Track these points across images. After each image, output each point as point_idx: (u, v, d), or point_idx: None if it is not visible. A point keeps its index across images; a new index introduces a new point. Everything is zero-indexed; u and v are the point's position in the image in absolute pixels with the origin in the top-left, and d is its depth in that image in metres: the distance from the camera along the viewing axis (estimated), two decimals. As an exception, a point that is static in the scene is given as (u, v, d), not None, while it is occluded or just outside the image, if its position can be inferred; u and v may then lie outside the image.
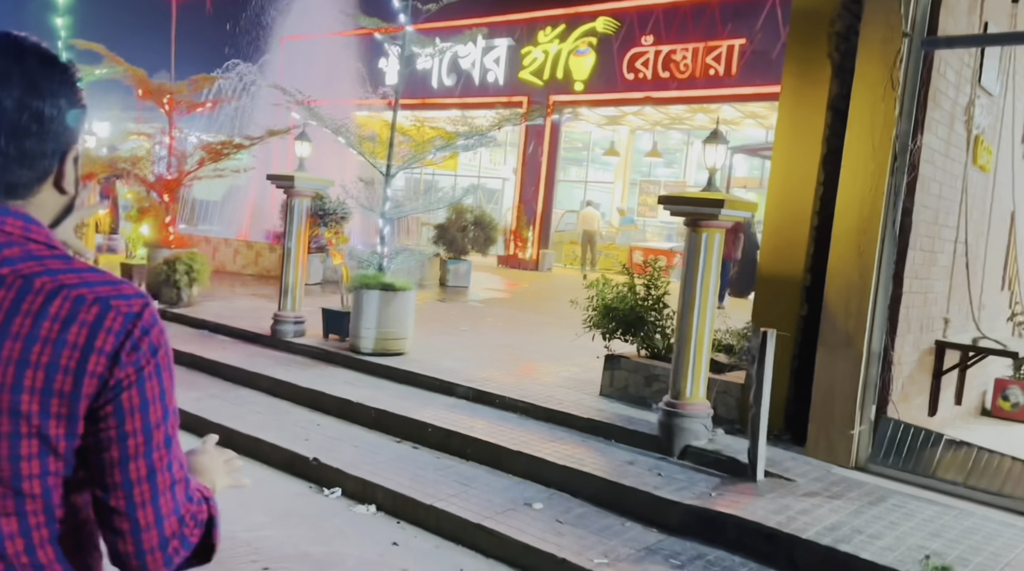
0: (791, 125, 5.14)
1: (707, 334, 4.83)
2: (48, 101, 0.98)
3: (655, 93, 17.15)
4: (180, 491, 1.03)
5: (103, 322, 0.96)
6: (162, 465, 1.00)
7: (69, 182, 1.05)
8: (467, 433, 5.08)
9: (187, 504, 1.04)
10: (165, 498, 1.00)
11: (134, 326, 0.98)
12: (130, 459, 0.97)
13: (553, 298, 13.31)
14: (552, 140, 19.32)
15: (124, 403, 0.97)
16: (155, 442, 0.99)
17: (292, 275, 7.44)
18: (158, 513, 1.00)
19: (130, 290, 1.00)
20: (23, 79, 0.96)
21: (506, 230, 19.33)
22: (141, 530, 0.99)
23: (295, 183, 7.22)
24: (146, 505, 0.99)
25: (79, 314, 0.95)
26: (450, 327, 8.92)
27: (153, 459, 0.99)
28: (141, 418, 0.98)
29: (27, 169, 0.99)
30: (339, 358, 6.88)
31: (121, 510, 0.98)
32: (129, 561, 1.01)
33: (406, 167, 6.92)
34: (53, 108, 0.99)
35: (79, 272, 0.98)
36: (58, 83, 1.00)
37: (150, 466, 0.99)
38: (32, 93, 0.97)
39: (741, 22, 16.02)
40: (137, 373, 0.97)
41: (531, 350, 7.77)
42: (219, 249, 12.85)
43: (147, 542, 0.99)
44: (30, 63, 0.98)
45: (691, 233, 4.81)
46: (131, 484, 0.98)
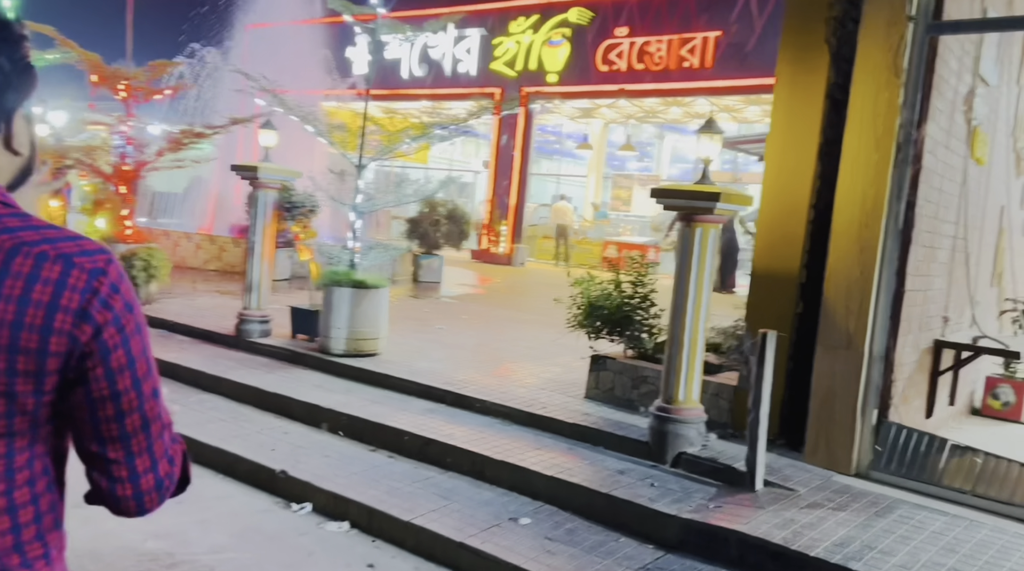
0: (786, 115, 4.89)
1: (701, 335, 4.57)
2: None
3: (630, 85, 16.91)
4: (167, 435, 1.09)
5: (67, 280, 0.96)
6: (154, 414, 1.05)
7: (21, 143, 1.03)
8: (447, 441, 4.77)
9: (173, 445, 1.11)
10: (158, 444, 1.07)
11: (100, 283, 0.98)
12: (125, 414, 1.02)
13: (529, 294, 13.03)
14: (525, 133, 19.01)
15: (113, 362, 1.00)
16: (146, 395, 1.04)
17: (257, 271, 7.04)
18: (153, 458, 1.06)
19: (92, 246, 1.00)
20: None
21: (479, 224, 19.01)
22: (139, 475, 1.05)
23: (260, 174, 6.82)
24: (142, 453, 1.05)
25: (42, 272, 0.95)
26: (424, 325, 8.58)
27: (146, 410, 1.04)
28: (131, 375, 1.02)
29: None
30: (308, 360, 6.51)
31: (120, 460, 1.03)
32: (127, 503, 1.06)
33: (379, 158, 6.57)
34: None
35: (38, 229, 0.98)
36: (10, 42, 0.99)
37: (144, 417, 1.04)
38: None
39: (716, 14, 15.83)
40: (120, 332, 1.00)
41: (510, 350, 7.47)
42: (180, 244, 12.33)
43: (144, 485, 1.06)
44: None
45: (684, 228, 4.54)
46: (128, 436, 1.03)
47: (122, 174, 8.59)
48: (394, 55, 20.97)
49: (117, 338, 1.00)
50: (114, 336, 0.99)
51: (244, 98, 9.99)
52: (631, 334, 5.64)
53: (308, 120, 6.36)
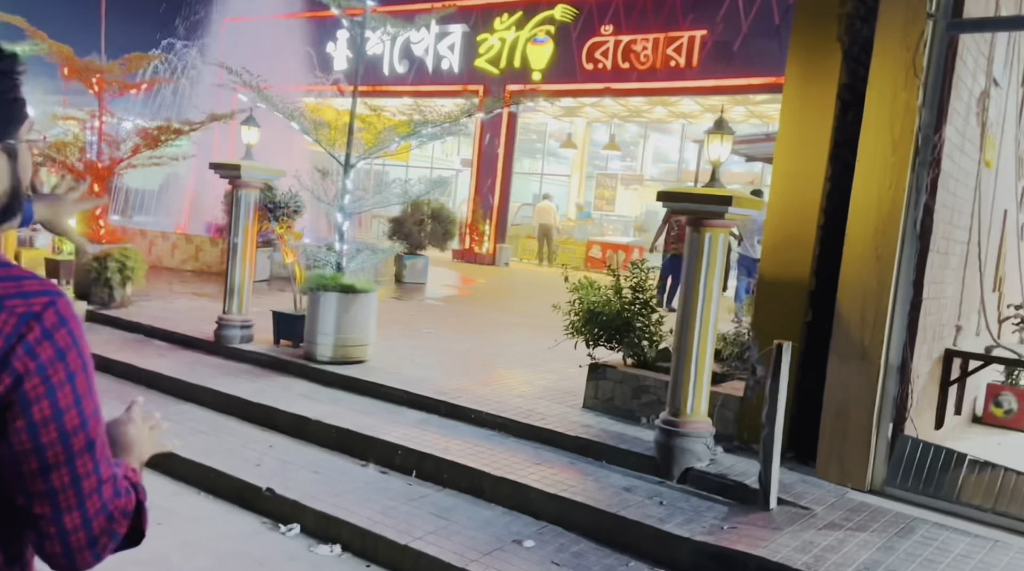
0: (797, 115, 4.71)
1: (710, 344, 4.37)
2: None
3: (615, 84, 16.76)
4: (108, 490, 1.02)
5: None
6: (86, 471, 0.99)
7: None
8: (442, 456, 4.53)
9: (115, 500, 1.03)
10: (91, 500, 1.00)
11: (28, 329, 0.94)
12: (51, 469, 0.96)
13: (516, 296, 12.81)
14: (509, 131, 18.80)
15: (35, 415, 0.94)
16: (75, 449, 0.97)
17: (239, 274, 6.75)
18: (85, 516, 0.99)
19: (33, 287, 0.96)
20: None
21: (461, 224, 18.73)
22: (68, 533, 0.99)
23: (242, 172, 6.53)
24: (72, 510, 0.98)
25: None
26: (411, 329, 8.33)
27: (75, 466, 0.98)
28: (56, 428, 0.96)
29: None
30: (293, 367, 6.23)
31: (47, 516, 0.98)
32: (58, 560, 1.01)
33: (368, 157, 6.31)
34: None
35: None
36: None
37: (73, 473, 0.97)
38: None
39: (702, 13, 15.70)
40: (44, 383, 0.94)
41: (501, 355, 7.24)
42: (156, 243, 11.96)
43: (75, 543, 0.99)
44: None
45: (692, 233, 4.34)
46: (55, 492, 0.97)
47: (95, 171, 8.24)
48: (375, 51, 20.66)
49: (41, 389, 0.94)
50: (37, 387, 0.94)
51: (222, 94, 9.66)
52: (631, 341, 5.44)
53: (293, 116, 6.08)
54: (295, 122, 6.17)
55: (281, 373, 6.22)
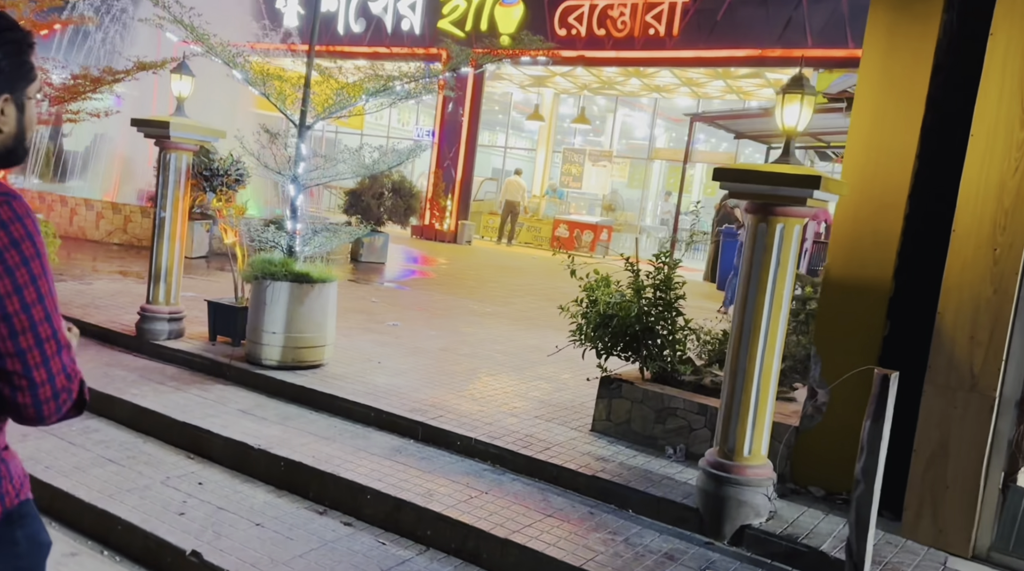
0: (879, 78, 3.74)
1: (775, 367, 3.42)
2: None
3: (588, 52, 15.67)
4: (65, 355, 1.29)
5: None
6: (47, 335, 1.25)
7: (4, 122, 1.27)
8: (424, 504, 3.50)
9: (71, 365, 1.30)
10: (54, 360, 1.26)
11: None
12: (18, 333, 1.22)
13: (485, 279, 11.75)
14: (474, 99, 17.60)
15: None
16: (36, 318, 1.23)
17: (166, 255, 5.55)
18: (50, 372, 1.26)
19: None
20: None
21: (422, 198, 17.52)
22: (37, 386, 1.25)
23: (171, 131, 5.31)
24: (39, 367, 1.24)
25: None
26: (374, 320, 7.22)
27: (38, 331, 1.24)
28: (18, 301, 1.21)
29: None
30: (232, 372, 5.10)
31: (19, 371, 1.24)
32: (27, 410, 1.27)
33: (328, 116, 5.16)
34: None
35: None
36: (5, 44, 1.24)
37: (36, 337, 1.24)
38: None
39: (686, -22, 14.70)
40: (2, 264, 1.19)
41: (482, 356, 6.20)
42: (77, 212, 10.52)
43: (42, 395, 1.26)
44: None
45: (757, 223, 3.36)
46: (23, 352, 1.23)
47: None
48: (329, 8, 19.14)
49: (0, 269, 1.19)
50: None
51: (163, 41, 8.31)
52: (652, 351, 4.46)
53: (235, 63, 4.89)
54: (237, 70, 4.97)
55: (217, 379, 5.08)
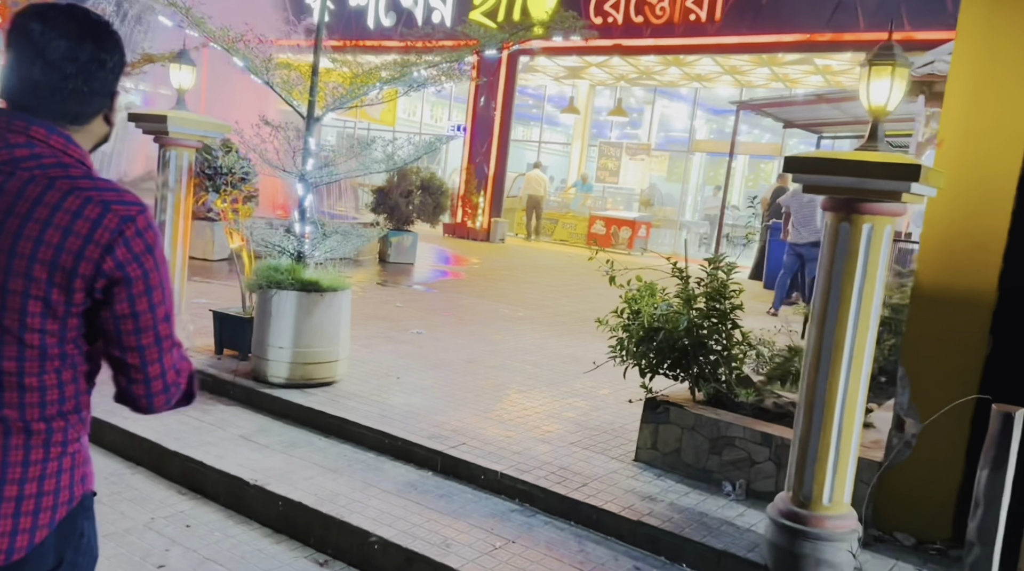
0: (982, 50, 3.11)
1: (862, 396, 2.82)
2: (109, 54, 1.35)
3: (626, 41, 15.01)
4: (177, 352, 1.39)
5: (102, 220, 1.26)
6: (165, 333, 1.35)
7: (114, 115, 1.42)
8: (440, 559, 2.97)
9: (181, 361, 1.40)
10: (168, 356, 1.37)
11: (127, 226, 1.28)
12: (142, 330, 1.32)
13: (516, 279, 11.21)
14: (507, 93, 17.04)
15: (133, 289, 1.29)
16: (158, 317, 1.33)
17: (168, 260, 5.10)
18: (163, 367, 1.36)
19: (131, 198, 1.31)
20: (94, 40, 1.33)
21: (453, 195, 17.05)
22: (151, 379, 1.36)
23: (169, 126, 4.87)
24: (154, 362, 1.35)
25: (85, 210, 1.26)
26: (397, 327, 6.73)
27: (159, 329, 1.34)
28: (147, 301, 1.31)
29: (89, 104, 1.35)
30: (236, 391, 4.64)
31: (137, 365, 1.33)
32: (140, 400, 1.38)
33: (338, 107, 4.66)
34: (111, 59, 1.35)
35: (94, 180, 1.31)
36: (113, 42, 1.36)
37: (157, 334, 1.33)
38: (100, 49, 1.34)
39: (728, -40, 13.95)
40: (139, 265, 1.29)
41: (511, 367, 5.67)
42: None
43: (155, 387, 1.37)
44: (97, 28, 1.35)
45: (838, 222, 2.76)
46: (144, 348, 1.33)
47: None
48: (359, 2, 18.77)
49: (138, 271, 1.29)
50: (135, 269, 1.29)
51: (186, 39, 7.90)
52: (705, 369, 3.87)
53: (234, 50, 4.41)
54: (237, 57, 4.50)
55: (219, 399, 4.62)
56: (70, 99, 1.32)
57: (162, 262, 1.33)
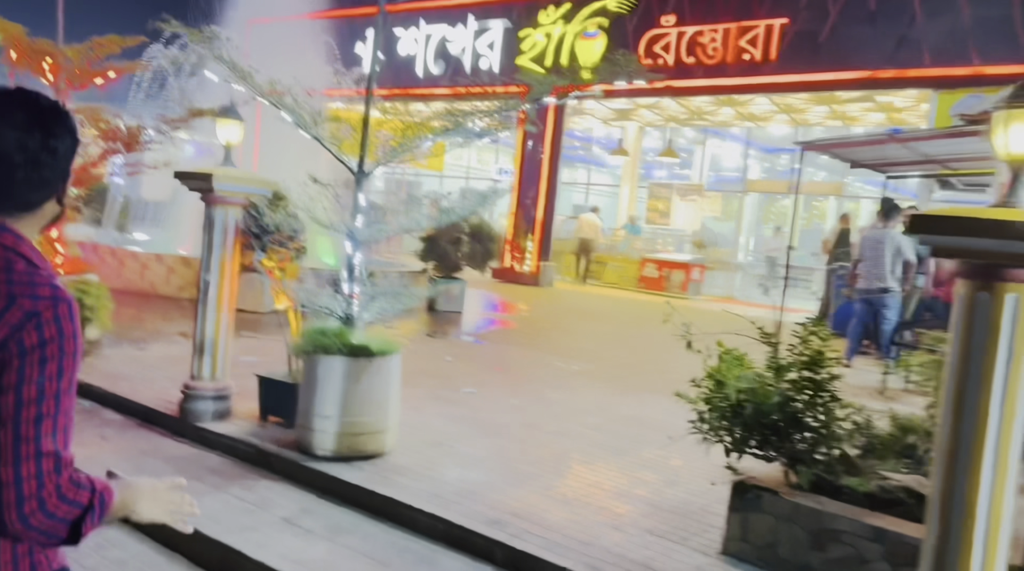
0: None
1: (1008, 504, 2.36)
2: (58, 140, 1.31)
3: (677, 82, 14.71)
4: (47, 463, 1.20)
5: (4, 314, 1.20)
6: (27, 435, 1.19)
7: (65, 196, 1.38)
8: None
9: (52, 475, 1.20)
10: (27, 464, 1.18)
11: (28, 319, 1.21)
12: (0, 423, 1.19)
13: (569, 327, 10.82)
14: (555, 136, 16.86)
15: (2, 379, 1.18)
16: (23, 416, 1.19)
17: (212, 324, 4.88)
18: (18, 474, 1.18)
19: (45, 292, 1.24)
20: (43, 127, 1.29)
21: (501, 241, 16.81)
22: (2, 486, 1.18)
23: (215, 183, 4.67)
24: (7, 465, 1.18)
25: None
26: (448, 385, 6.39)
27: (20, 429, 1.18)
28: (14, 394, 1.19)
29: (40, 190, 1.31)
30: (279, 464, 4.32)
31: None
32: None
33: (389, 161, 4.42)
34: (61, 145, 1.32)
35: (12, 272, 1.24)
36: (63, 126, 1.32)
37: (16, 433, 1.18)
38: (49, 136, 1.30)
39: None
40: (20, 357, 1.19)
41: (572, 433, 5.26)
42: (149, 267, 10.21)
43: (6, 496, 1.18)
44: (46, 114, 1.31)
45: (974, 292, 2.34)
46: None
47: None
48: (408, 51, 18.93)
49: (16, 362, 1.19)
50: (13, 359, 1.19)
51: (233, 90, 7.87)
52: (801, 448, 3.42)
53: (281, 103, 4.20)
54: (285, 111, 4.29)
55: (263, 473, 4.31)
56: (20, 188, 1.29)
57: (52, 359, 1.22)
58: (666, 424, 5.64)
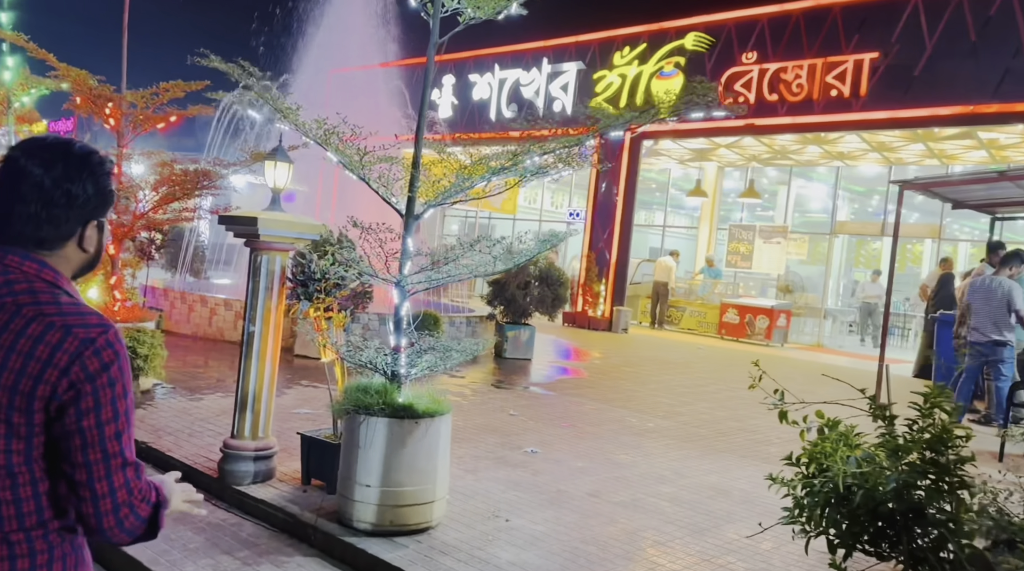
0: None
1: None
2: (75, 185, 1.40)
3: (759, 120, 14.10)
4: (131, 472, 1.37)
5: (63, 344, 1.32)
6: (114, 451, 1.35)
7: (90, 244, 1.45)
8: None
9: (136, 482, 1.38)
10: (117, 475, 1.35)
11: (86, 348, 1.33)
12: (88, 446, 1.33)
13: (643, 377, 10.20)
14: (629, 177, 16.39)
15: (81, 405, 1.32)
16: (107, 435, 1.34)
17: (255, 378, 4.56)
18: (112, 486, 1.35)
19: (94, 320, 1.36)
20: (64, 170, 1.39)
21: (573, 283, 16.32)
22: (98, 497, 1.34)
23: (260, 228, 4.40)
24: (102, 480, 1.34)
25: (47, 336, 1.32)
26: (509, 444, 5.91)
27: (106, 446, 1.34)
28: (95, 416, 1.33)
29: (51, 228, 1.39)
30: (317, 537, 3.91)
31: (83, 482, 1.34)
32: (89, 520, 1.35)
33: (441, 203, 4.05)
34: (78, 189, 1.40)
35: (60, 304, 1.36)
36: (86, 173, 1.41)
37: (104, 451, 1.34)
38: (66, 179, 1.39)
39: (871, 32, 12.93)
40: (90, 383, 1.32)
41: (645, 505, 4.68)
42: (216, 312, 10.17)
43: (103, 506, 1.34)
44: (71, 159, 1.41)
45: None
46: (90, 464, 1.33)
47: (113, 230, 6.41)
48: (482, 96, 18.93)
49: (87, 388, 1.32)
50: (86, 386, 1.32)
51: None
52: (923, 546, 2.79)
53: (327, 141, 3.90)
54: (332, 151, 3.98)
55: (298, 547, 3.91)
56: (27, 223, 1.38)
57: (118, 380, 1.35)
58: (754, 496, 5.01)
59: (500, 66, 18.72)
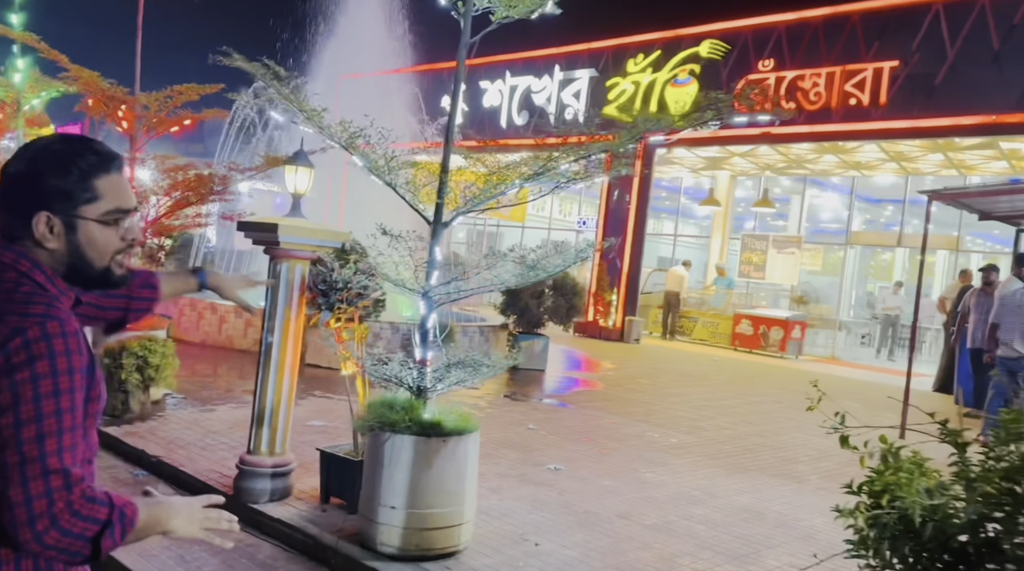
0: None
1: None
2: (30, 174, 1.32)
3: (775, 128, 13.91)
4: (56, 480, 1.21)
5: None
6: (32, 455, 1.20)
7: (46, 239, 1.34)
8: None
9: (64, 492, 1.21)
10: (35, 483, 1.20)
11: (13, 338, 1.22)
12: (3, 447, 1.20)
13: (661, 389, 9.98)
14: (641, 186, 16.20)
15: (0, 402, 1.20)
16: (24, 436, 1.20)
17: (272, 391, 4.37)
18: (27, 494, 1.19)
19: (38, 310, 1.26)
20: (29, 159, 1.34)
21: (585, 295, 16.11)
22: (13, 506, 1.19)
23: (280, 235, 4.22)
24: (16, 486, 1.19)
25: None
26: (531, 460, 5.71)
27: (24, 449, 1.20)
28: (12, 414, 1.20)
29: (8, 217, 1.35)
30: (337, 560, 3.72)
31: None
32: (7, 530, 1.21)
33: (470, 210, 3.88)
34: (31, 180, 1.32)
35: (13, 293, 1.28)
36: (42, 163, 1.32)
37: (21, 454, 1.20)
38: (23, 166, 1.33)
39: (892, 40, 12.74)
40: (8, 374, 1.20)
41: (677, 529, 4.47)
42: (227, 320, 9.99)
43: (18, 516, 1.19)
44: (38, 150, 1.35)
45: None
46: (6, 466, 1.19)
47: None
48: (493, 103, 18.78)
49: (4, 381, 1.20)
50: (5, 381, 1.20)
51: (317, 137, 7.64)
52: (999, 588, 2.58)
53: (355, 149, 3.73)
54: (357, 155, 3.81)
55: (317, 569, 3.71)
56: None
57: (46, 377, 1.23)
58: (789, 519, 4.80)
59: (511, 73, 18.57)
